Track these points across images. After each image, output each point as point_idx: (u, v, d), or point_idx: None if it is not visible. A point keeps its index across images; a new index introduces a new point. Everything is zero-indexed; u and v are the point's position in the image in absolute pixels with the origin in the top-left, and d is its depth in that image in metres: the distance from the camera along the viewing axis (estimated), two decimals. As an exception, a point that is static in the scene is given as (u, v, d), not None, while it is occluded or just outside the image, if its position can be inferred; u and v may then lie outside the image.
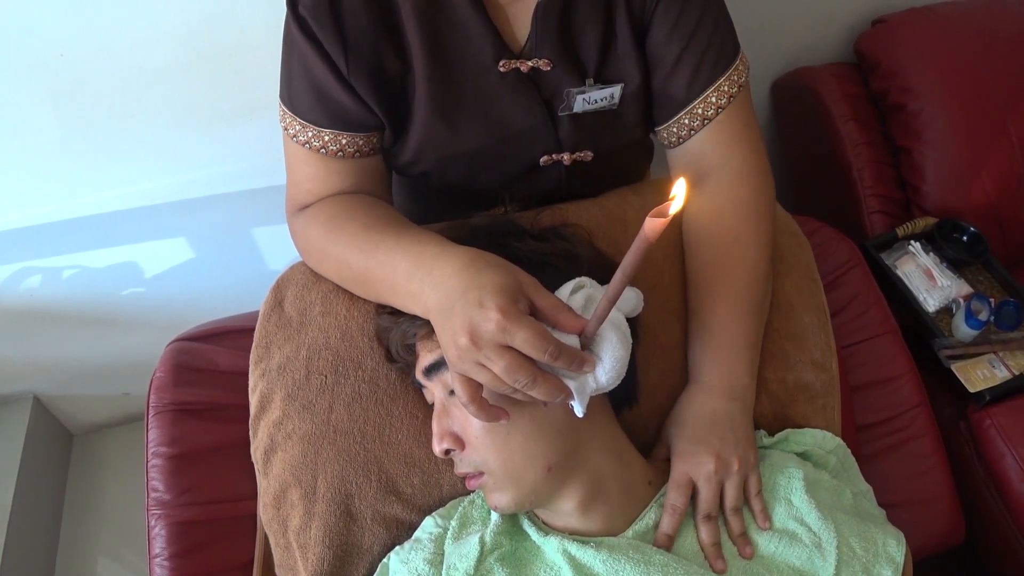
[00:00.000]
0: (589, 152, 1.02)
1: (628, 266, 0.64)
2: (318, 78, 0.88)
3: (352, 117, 0.91)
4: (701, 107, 0.96)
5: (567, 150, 1.00)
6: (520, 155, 1.00)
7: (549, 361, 0.70)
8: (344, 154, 0.93)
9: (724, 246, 0.98)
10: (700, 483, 0.87)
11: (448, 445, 0.82)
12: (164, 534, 0.98)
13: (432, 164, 0.99)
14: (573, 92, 0.94)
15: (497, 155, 0.99)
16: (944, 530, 1.21)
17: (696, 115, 0.97)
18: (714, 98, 0.96)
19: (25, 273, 1.53)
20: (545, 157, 1.01)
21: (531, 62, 0.91)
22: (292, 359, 0.95)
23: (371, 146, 0.95)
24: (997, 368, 1.35)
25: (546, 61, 0.91)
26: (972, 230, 1.53)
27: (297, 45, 0.88)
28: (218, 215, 1.54)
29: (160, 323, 1.67)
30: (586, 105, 0.96)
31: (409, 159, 0.98)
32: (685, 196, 0.60)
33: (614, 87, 0.95)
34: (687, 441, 0.91)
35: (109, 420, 2.00)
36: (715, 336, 0.96)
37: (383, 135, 0.96)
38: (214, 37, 1.24)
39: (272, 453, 0.93)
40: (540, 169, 1.03)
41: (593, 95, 0.95)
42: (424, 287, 0.77)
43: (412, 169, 1.01)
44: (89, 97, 1.26)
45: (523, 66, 0.91)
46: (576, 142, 1.00)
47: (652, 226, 0.59)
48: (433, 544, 0.87)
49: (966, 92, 1.55)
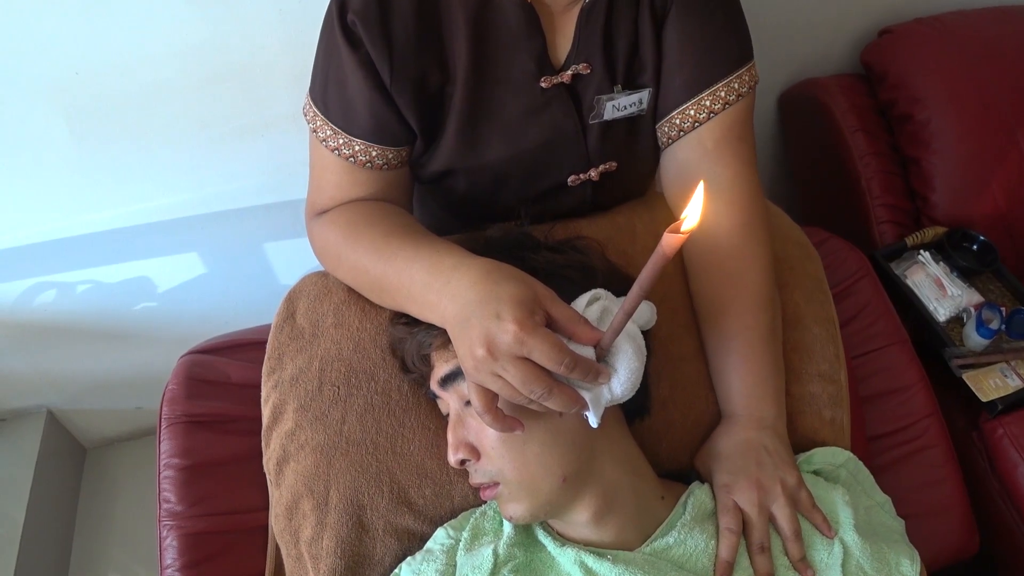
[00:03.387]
0: (614, 163, 1.02)
1: (645, 280, 0.65)
2: (358, 88, 0.88)
3: (387, 130, 0.91)
4: (694, 109, 0.95)
5: (594, 162, 1.00)
6: (549, 169, 1.00)
7: (565, 373, 0.70)
8: (373, 165, 0.93)
9: (723, 278, 0.98)
10: (748, 512, 0.88)
11: (464, 455, 0.83)
12: (176, 545, 0.98)
13: (459, 176, 0.99)
14: (603, 99, 0.94)
15: (526, 169, 0.99)
16: (958, 541, 1.20)
17: (688, 116, 0.96)
18: (708, 101, 0.94)
19: (39, 288, 1.55)
20: (573, 176, 1.01)
21: (571, 69, 0.91)
22: (305, 370, 0.95)
23: (400, 160, 0.95)
24: (1009, 377, 1.35)
25: (585, 65, 0.91)
26: (982, 239, 1.53)
27: (339, 51, 0.87)
28: (230, 230, 1.55)
29: (172, 338, 1.67)
30: (616, 112, 0.96)
31: (437, 169, 0.98)
32: (702, 211, 0.61)
33: (642, 92, 0.95)
34: (726, 473, 0.91)
35: (121, 434, 2.00)
36: (736, 371, 0.97)
37: (413, 149, 0.96)
38: (225, 54, 1.25)
39: (284, 464, 0.94)
40: (567, 188, 1.03)
41: (622, 101, 0.95)
42: (442, 297, 0.78)
43: (439, 180, 1.01)
44: (103, 115, 1.27)
45: (563, 77, 0.91)
46: (604, 152, 1.00)
47: (670, 242, 0.60)
48: (445, 555, 0.87)
49: (973, 101, 1.55)
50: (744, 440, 0.93)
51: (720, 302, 0.98)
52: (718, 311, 0.98)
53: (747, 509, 0.87)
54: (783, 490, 0.88)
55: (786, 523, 0.87)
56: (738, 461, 0.91)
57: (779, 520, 0.87)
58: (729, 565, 0.84)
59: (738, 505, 0.88)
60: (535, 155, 0.97)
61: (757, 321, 0.96)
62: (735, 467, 0.91)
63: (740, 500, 0.88)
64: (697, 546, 0.85)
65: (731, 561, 0.84)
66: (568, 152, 0.98)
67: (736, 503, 0.88)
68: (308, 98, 0.95)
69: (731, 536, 0.86)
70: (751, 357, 0.96)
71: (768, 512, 0.88)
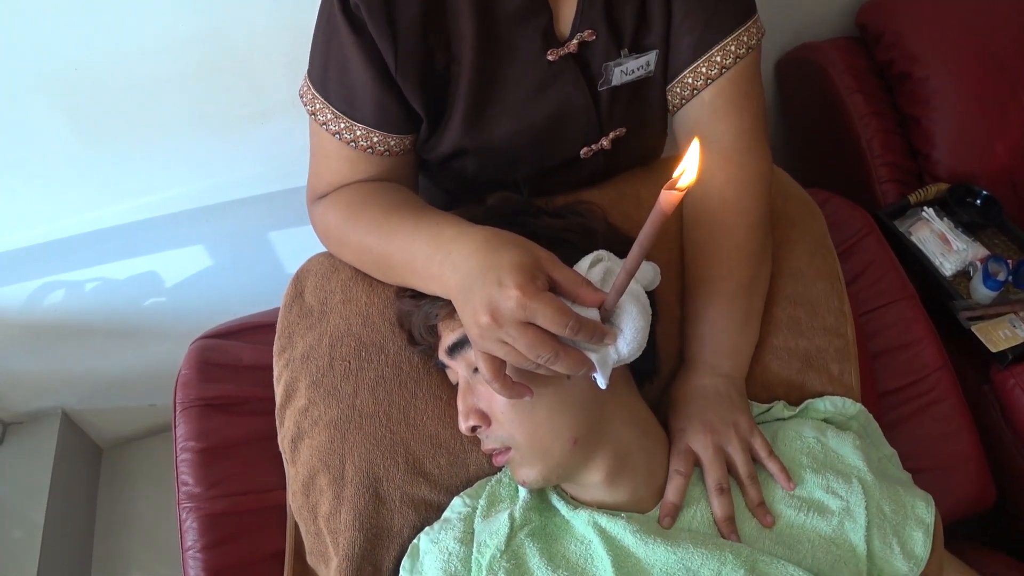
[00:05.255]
0: (623, 128, 1.01)
1: (645, 238, 0.65)
2: (361, 74, 0.87)
3: (390, 117, 0.91)
4: (705, 66, 0.95)
5: (606, 130, 1.00)
6: (561, 143, 1.00)
7: (570, 335, 0.70)
8: (374, 151, 0.93)
9: (709, 229, 0.99)
10: (702, 455, 0.88)
11: (474, 422, 0.83)
12: (196, 527, 0.99)
13: (469, 157, 0.99)
14: (611, 65, 0.93)
15: (537, 145, 0.98)
16: (974, 493, 1.20)
17: (700, 74, 0.96)
18: (719, 57, 0.94)
19: (49, 288, 1.55)
20: (585, 149, 1.01)
21: (576, 38, 0.91)
22: (315, 347, 0.96)
23: (402, 147, 0.94)
24: (1018, 327, 1.34)
25: (590, 32, 0.91)
26: (985, 193, 1.52)
27: (340, 35, 0.86)
28: (235, 221, 1.55)
29: (183, 332, 1.66)
30: (624, 76, 0.95)
31: (445, 151, 0.97)
32: (698, 167, 0.61)
33: (649, 54, 0.95)
34: (679, 418, 0.92)
35: (137, 432, 2.02)
36: (697, 320, 0.98)
37: (417, 136, 0.96)
38: (224, 44, 1.25)
39: (299, 441, 0.94)
40: (579, 161, 1.03)
41: (630, 65, 0.94)
42: (444, 269, 0.78)
43: (447, 162, 1.00)
44: (104, 109, 1.27)
45: (569, 47, 0.91)
46: (614, 119, 0.99)
47: (668, 199, 0.60)
48: (462, 523, 0.88)
49: (971, 56, 1.54)
50: (697, 386, 0.95)
51: (700, 251, 0.99)
52: (697, 260, 0.99)
53: (700, 452, 0.88)
54: (736, 432, 0.89)
55: (741, 465, 0.88)
56: (691, 405, 0.93)
57: (734, 462, 0.88)
58: (675, 507, 0.85)
59: (691, 449, 0.88)
60: (546, 130, 0.96)
61: (729, 274, 0.97)
62: (688, 411, 0.92)
63: (694, 443, 0.89)
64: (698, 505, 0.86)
65: (677, 503, 0.85)
66: (579, 123, 0.98)
67: (690, 447, 0.89)
68: (307, 81, 0.94)
69: (678, 478, 0.86)
70: (717, 308, 0.97)
71: (724, 454, 0.88)
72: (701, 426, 0.89)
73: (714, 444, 0.88)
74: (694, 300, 0.99)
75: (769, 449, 0.89)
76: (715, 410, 0.91)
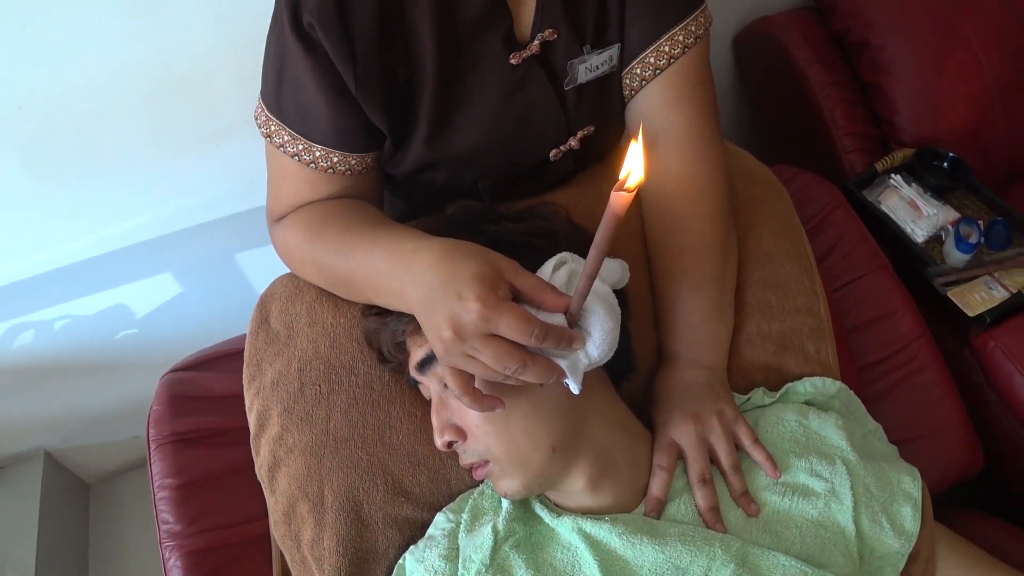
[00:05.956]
0: (591, 126, 1.00)
1: (601, 241, 0.63)
2: (317, 95, 0.85)
3: (350, 137, 0.88)
4: (654, 56, 0.94)
5: (574, 130, 0.99)
6: (530, 147, 0.99)
7: (536, 344, 0.69)
8: (335, 171, 0.90)
9: (668, 225, 0.98)
10: (685, 447, 0.87)
11: (450, 437, 0.82)
12: (180, 565, 0.98)
13: (437, 169, 0.97)
14: (575, 63, 0.92)
15: (506, 151, 0.97)
16: (962, 458, 1.21)
17: (648, 64, 0.95)
18: (667, 47, 0.93)
19: (17, 330, 1.53)
20: (555, 151, 0.99)
21: (537, 39, 0.89)
22: (284, 373, 0.94)
23: (364, 166, 0.92)
24: (994, 289, 1.34)
25: (551, 31, 0.89)
26: (951, 156, 1.52)
27: (292, 54, 0.83)
28: (200, 245, 1.53)
29: (158, 362, 1.64)
30: (589, 73, 0.94)
31: (412, 165, 0.95)
32: (645, 166, 0.60)
33: (611, 48, 0.94)
34: (662, 411, 0.92)
35: (122, 466, 1.99)
36: (671, 315, 0.97)
37: (380, 154, 0.94)
38: (167, 68, 1.23)
39: (276, 469, 0.93)
40: (550, 165, 1.01)
41: (593, 61, 0.93)
42: (405, 284, 0.77)
43: (415, 176, 0.98)
44: (56, 145, 1.25)
45: (532, 49, 0.89)
46: (581, 117, 0.98)
47: (618, 201, 0.58)
48: (447, 539, 0.87)
49: (927, 19, 1.54)
50: (679, 379, 0.94)
51: (664, 247, 0.99)
52: (662, 255, 0.99)
53: (684, 443, 0.87)
54: (720, 421, 0.88)
55: (724, 455, 0.87)
56: (673, 398, 0.92)
57: (717, 452, 0.87)
58: (659, 502, 0.84)
59: (675, 442, 0.88)
60: (514, 134, 0.95)
61: (697, 267, 0.96)
62: (671, 404, 0.91)
63: (677, 435, 0.88)
64: (682, 497, 0.85)
65: (661, 498, 0.84)
66: (547, 125, 0.96)
67: (673, 440, 0.88)
68: (260, 103, 0.91)
69: (661, 473, 0.86)
70: (690, 302, 0.96)
71: (707, 444, 0.88)
72: (684, 416, 0.88)
73: (697, 434, 0.87)
74: (666, 296, 0.98)
75: (754, 437, 0.88)
76: (699, 400, 0.90)
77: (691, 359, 0.95)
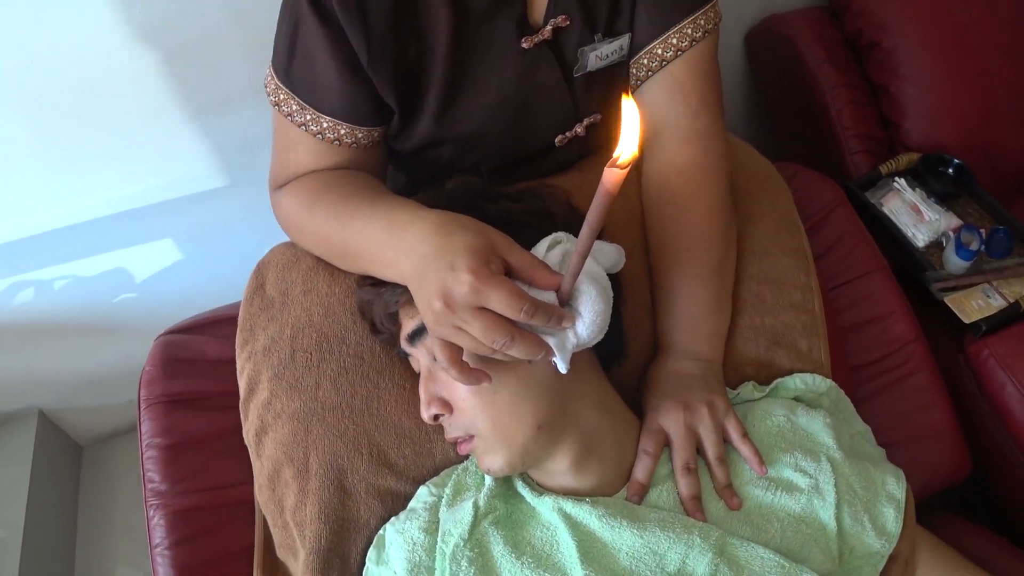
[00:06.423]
0: (598, 115, 1.01)
1: (593, 219, 0.63)
2: (329, 66, 0.85)
3: (359, 109, 0.89)
4: (661, 48, 0.95)
5: (581, 117, 0.99)
6: (536, 131, 0.99)
7: (525, 319, 0.69)
8: (341, 143, 0.91)
9: (671, 215, 0.98)
10: (672, 434, 0.87)
11: (436, 410, 0.83)
12: (163, 524, 0.98)
13: (444, 146, 0.98)
14: (586, 50, 0.93)
15: (513, 133, 0.98)
16: (950, 465, 1.20)
17: (655, 55, 0.96)
18: (675, 39, 0.94)
19: (17, 288, 1.53)
20: (560, 136, 1.00)
21: (550, 24, 0.90)
22: (276, 339, 0.95)
23: (371, 139, 0.93)
24: (992, 297, 1.34)
25: (564, 17, 0.90)
26: (957, 162, 1.51)
27: (306, 25, 0.84)
28: (202, 212, 1.53)
29: (156, 327, 1.63)
30: (599, 61, 0.95)
31: (419, 142, 0.96)
32: (639, 143, 0.60)
33: (622, 38, 0.95)
34: (653, 397, 0.92)
35: (116, 429, 2.00)
36: (670, 305, 0.97)
37: (388, 128, 0.94)
38: (177, 34, 1.22)
39: (263, 434, 0.93)
40: (555, 149, 1.02)
41: (604, 49, 0.94)
42: (399, 254, 0.77)
43: (422, 152, 0.99)
44: (62, 107, 1.25)
45: (544, 34, 0.90)
46: (589, 105, 0.99)
47: (611, 177, 0.59)
48: (428, 512, 0.87)
49: (939, 24, 1.53)
50: (675, 369, 0.94)
51: (664, 237, 0.99)
52: (662, 245, 0.99)
53: (671, 430, 0.87)
54: (710, 412, 0.88)
55: (711, 447, 0.87)
56: (666, 386, 0.92)
57: (704, 442, 0.87)
58: (642, 487, 0.84)
59: (663, 428, 0.88)
60: (522, 118, 0.96)
61: (698, 258, 0.96)
62: (663, 391, 0.91)
63: (665, 422, 0.88)
64: (665, 484, 0.85)
65: (644, 483, 0.85)
66: (555, 110, 0.97)
67: (661, 426, 0.88)
68: (270, 71, 0.92)
69: (646, 458, 0.86)
70: (689, 293, 0.96)
71: (695, 434, 0.87)
72: (674, 404, 0.88)
73: (685, 423, 0.87)
74: (665, 285, 0.98)
75: (742, 432, 0.88)
76: (691, 390, 0.90)
77: (688, 351, 0.95)
